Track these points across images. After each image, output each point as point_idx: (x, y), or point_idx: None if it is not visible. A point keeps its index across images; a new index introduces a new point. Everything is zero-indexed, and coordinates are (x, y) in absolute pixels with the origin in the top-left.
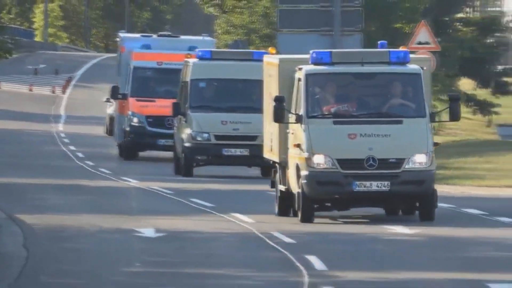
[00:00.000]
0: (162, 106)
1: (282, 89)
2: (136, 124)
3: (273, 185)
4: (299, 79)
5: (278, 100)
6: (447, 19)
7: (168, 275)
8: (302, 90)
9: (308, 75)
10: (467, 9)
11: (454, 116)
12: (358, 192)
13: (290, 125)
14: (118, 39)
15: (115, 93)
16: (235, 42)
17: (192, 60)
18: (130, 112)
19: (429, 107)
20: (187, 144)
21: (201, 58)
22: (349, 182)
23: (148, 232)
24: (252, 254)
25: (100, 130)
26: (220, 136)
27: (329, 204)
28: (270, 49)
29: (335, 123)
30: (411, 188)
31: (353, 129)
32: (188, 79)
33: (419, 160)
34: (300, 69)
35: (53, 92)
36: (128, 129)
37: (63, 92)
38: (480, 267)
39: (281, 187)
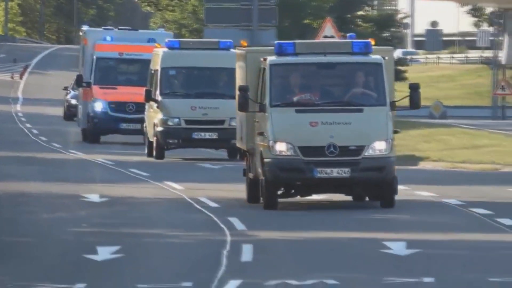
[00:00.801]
0: (124, 93)
1: (250, 79)
2: (100, 110)
3: (245, 172)
4: (264, 69)
5: (243, 89)
6: (349, 16)
7: (111, 234)
8: (266, 80)
9: (272, 66)
10: (367, 8)
11: (414, 104)
12: (320, 179)
13: (256, 114)
14: (81, 32)
15: (79, 82)
16: None
17: (161, 50)
18: (93, 99)
19: (391, 95)
20: (159, 129)
21: (170, 47)
22: (310, 169)
23: (93, 197)
24: (182, 216)
25: (52, 111)
26: (190, 120)
27: (293, 191)
28: (242, 42)
29: (297, 111)
30: (371, 175)
31: (315, 117)
32: (158, 67)
33: (379, 147)
34: (264, 59)
35: (12, 78)
36: (92, 114)
37: (21, 78)
38: (378, 228)
39: (250, 175)
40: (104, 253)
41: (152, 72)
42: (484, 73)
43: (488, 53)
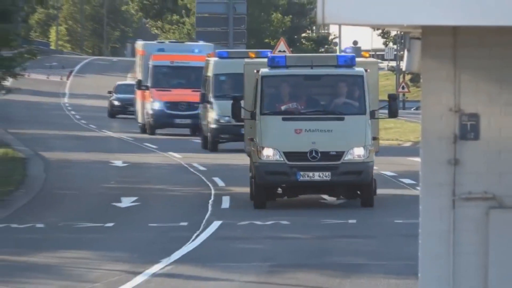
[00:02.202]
0: (176, 94)
1: (248, 88)
2: (157, 108)
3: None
4: (257, 80)
5: (235, 99)
6: (296, 37)
7: (131, 189)
8: (258, 90)
9: (264, 77)
10: (308, 31)
11: (393, 113)
12: (302, 181)
13: (250, 121)
14: (136, 45)
15: (139, 85)
16: None
17: (213, 59)
18: (152, 99)
19: (374, 105)
20: (212, 126)
21: (220, 57)
22: (294, 173)
23: (118, 163)
24: (180, 176)
25: (90, 102)
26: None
27: (280, 191)
28: (250, 54)
29: (284, 119)
30: (350, 178)
31: (299, 125)
32: (211, 74)
33: (358, 152)
34: (258, 71)
35: (61, 79)
36: (151, 112)
37: (67, 79)
38: None
39: (250, 174)
40: (126, 201)
41: (205, 77)
42: (390, 77)
43: (393, 63)
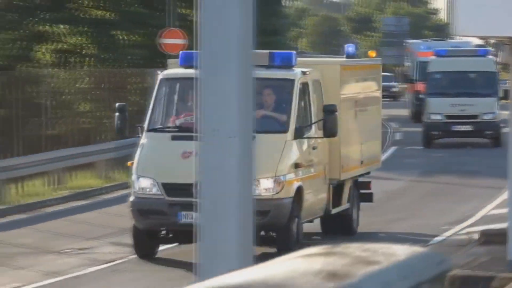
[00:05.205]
0: None
1: None
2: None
3: None
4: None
5: (119, 110)
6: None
7: None
8: (152, 97)
9: (162, 80)
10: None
11: (330, 131)
12: (186, 225)
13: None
14: (406, 45)
15: (407, 79)
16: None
17: (432, 57)
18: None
19: (310, 118)
20: (425, 122)
21: (438, 55)
22: (174, 212)
23: None
24: None
25: None
26: (450, 115)
27: (165, 234)
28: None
29: (173, 138)
30: None
31: (191, 146)
32: (427, 71)
33: (265, 186)
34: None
35: None
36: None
37: None
38: None
39: None
40: None
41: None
42: None
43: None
